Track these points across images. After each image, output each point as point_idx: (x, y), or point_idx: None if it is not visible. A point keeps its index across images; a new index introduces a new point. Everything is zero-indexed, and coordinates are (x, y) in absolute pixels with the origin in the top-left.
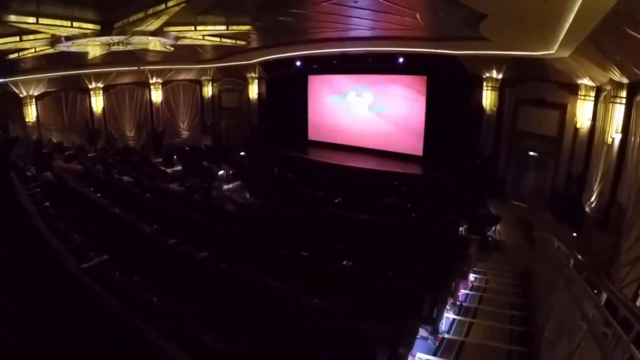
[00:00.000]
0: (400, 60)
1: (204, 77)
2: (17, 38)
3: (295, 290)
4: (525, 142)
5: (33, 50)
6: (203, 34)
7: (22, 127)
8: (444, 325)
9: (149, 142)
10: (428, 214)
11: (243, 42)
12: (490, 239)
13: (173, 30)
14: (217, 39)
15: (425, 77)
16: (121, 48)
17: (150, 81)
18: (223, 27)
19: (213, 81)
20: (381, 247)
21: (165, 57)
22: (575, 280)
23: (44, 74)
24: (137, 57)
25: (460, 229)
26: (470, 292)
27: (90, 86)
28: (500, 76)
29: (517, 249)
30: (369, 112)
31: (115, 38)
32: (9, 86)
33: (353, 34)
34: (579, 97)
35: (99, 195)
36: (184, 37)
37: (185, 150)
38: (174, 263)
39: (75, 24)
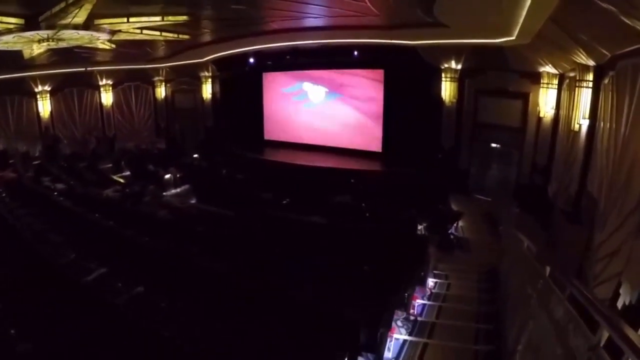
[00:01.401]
0: (356, 53)
1: (156, 78)
2: None
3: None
4: (487, 134)
5: None
6: (138, 26)
7: None
8: (391, 350)
9: (100, 147)
10: (384, 213)
11: (186, 37)
12: (452, 236)
13: (104, 22)
14: (157, 32)
15: (382, 70)
16: (53, 45)
17: (100, 83)
18: (158, 18)
19: (166, 82)
20: (325, 253)
21: (114, 57)
22: (554, 297)
23: None
24: (83, 57)
25: (420, 227)
26: (427, 302)
27: (36, 89)
28: (459, 66)
29: (482, 246)
30: (325, 109)
31: (43, 33)
32: None
33: (305, 23)
34: (541, 85)
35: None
36: (120, 31)
37: (134, 155)
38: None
39: None
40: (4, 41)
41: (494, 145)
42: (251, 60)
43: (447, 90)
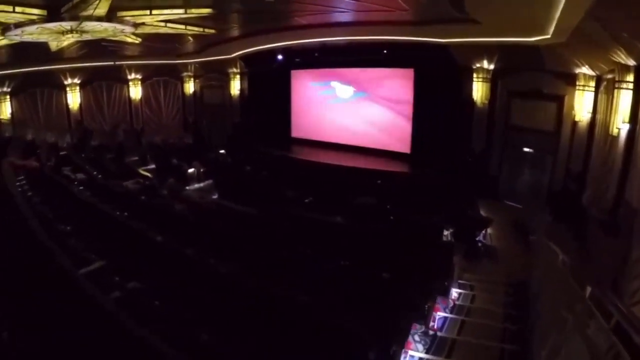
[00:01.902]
0: (385, 51)
1: (185, 73)
2: None
3: None
4: (520, 137)
5: None
6: (161, 19)
7: None
8: None
9: (128, 140)
10: (409, 216)
11: (212, 31)
12: (479, 244)
13: (127, 15)
14: (182, 26)
15: (412, 69)
16: (77, 37)
17: (129, 77)
18: (181, 11)
19: (195, 77)
20: (344, 255)
21: (143, 52)
22: (594, 323)
23: (16, 70)
24: (110, 50)
25: (445, 233)
26: (449, 315)
27: (66, 82)
28: (491, 66)
29: (511, 256)
30: (353, 108)
31: (66, 25)
32: None
33: (333, 18)
34: (577, 87)
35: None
36: (143, 24)
37: (160, 148)
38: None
39: (19, 8)
40: (29, 32)
41: (526, 149)
42: (279, 57)
43: (479, 91)
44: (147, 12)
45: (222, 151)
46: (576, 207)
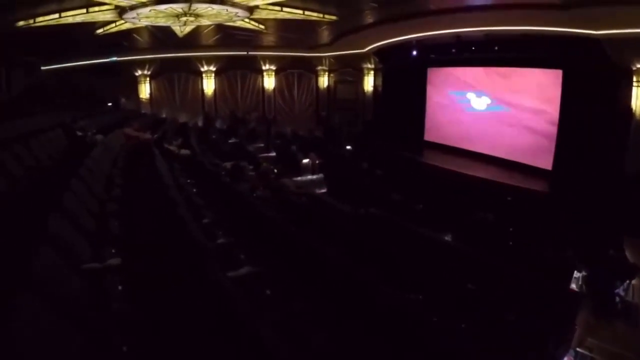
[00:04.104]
0: (529, 48)
1: (319, 67)
2: (84, 10)
3: None
4: None
5: (114, 25)
6: (273, 1)
7: (137, 103)
8: None
9: (259, 128)
10: (533, 245)
11: (333, 17)
12: (617, 299)
13: None
14: (299, 11)
15: (560, 71)
16: (192, 20)
17: (263, 67)
18: None
19: (329, 72)
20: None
21: (275, 42)
22: None
23: (156, 55)
24: (239, 39)
25: (577, 275)
26: None
27: (202, 69)
28: None
29: None
30: (490, 114)
31: (177, 6)
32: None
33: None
34: None
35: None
36: (257, 7)
37: (285, 137)
38: None
39: None
40: (144, 15)
41: None
42: (414, 52)
43: (639, 98)
44: None
45: (348, 147)
46: None
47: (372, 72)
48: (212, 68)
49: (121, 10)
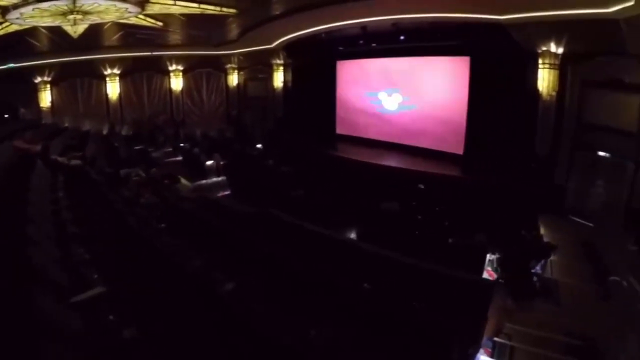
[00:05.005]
0: (436, 35)
1: (228, 65)
2: None
3: None
4: (594, 139)
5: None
6: None
7: (37, 113)
8: None
9: (167, 131)
10: (443, 232)
11: (233, 10)
12: (535, 278)
13: None
14: (195, 4)
15: (468, 58)
16: (82, 18)
17: (170, 68)
18: None
19: (239, 69)
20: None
21: (181, 41)
22: None
23: (56, 59)
24: (139, 39)
25: (490, 258)
26: None
27: (105, 72)
28: (560, 50)
29: (577, 297)
30: (401, 103)
31: (61, 3)
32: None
33: None
34: None
35: None
36: (149, 2)
37: (193, 140)
38: None
39: None
40: (29, 14)
41: (601, 153)
42: (322, 46)
43: (545, 80)
44: None
45: (258, 145)
46: None
47: (281, 67)
48: (116, 71)
49: (3, 11)
